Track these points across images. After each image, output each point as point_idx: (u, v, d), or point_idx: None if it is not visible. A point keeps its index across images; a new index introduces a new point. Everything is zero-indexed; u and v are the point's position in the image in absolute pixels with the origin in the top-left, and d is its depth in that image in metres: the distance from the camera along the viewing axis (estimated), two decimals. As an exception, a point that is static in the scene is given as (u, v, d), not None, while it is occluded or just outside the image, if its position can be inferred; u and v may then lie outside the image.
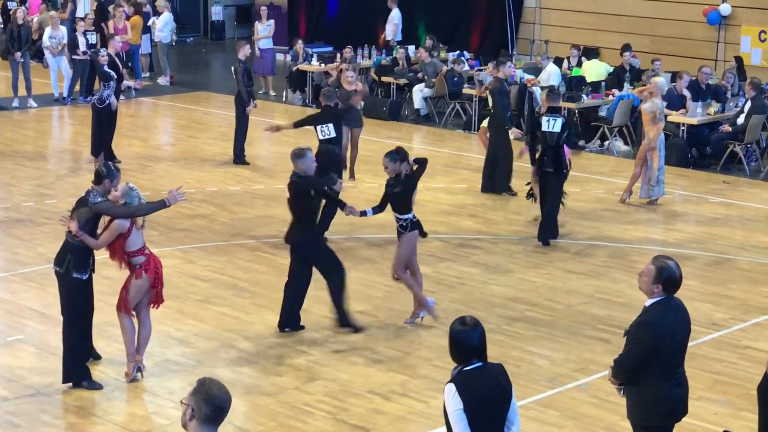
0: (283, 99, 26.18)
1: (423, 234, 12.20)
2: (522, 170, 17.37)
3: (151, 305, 10.62)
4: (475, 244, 15.16)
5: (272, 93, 26.71)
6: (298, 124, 16.07)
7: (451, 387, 6.61)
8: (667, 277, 7.51)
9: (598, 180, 16.75)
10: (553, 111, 15.52)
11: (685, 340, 7.73)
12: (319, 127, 15.40)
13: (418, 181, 12.15)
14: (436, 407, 9.66)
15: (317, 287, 11.98)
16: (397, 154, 11.95)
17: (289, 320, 12.01)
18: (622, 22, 27.19)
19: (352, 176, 17.96)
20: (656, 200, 17.39)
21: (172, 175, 18.57)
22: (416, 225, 12.06)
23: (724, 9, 25.66)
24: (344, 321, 12.04)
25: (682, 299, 7.73)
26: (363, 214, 12.03)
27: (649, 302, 7.61)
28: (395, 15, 28.82)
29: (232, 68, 19.83)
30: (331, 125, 15.40)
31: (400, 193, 11.94)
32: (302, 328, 12.00)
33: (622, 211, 17.12)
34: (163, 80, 28.16)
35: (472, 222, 16.27)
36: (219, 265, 14.08)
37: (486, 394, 6.66)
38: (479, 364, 6.71)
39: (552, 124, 15.30)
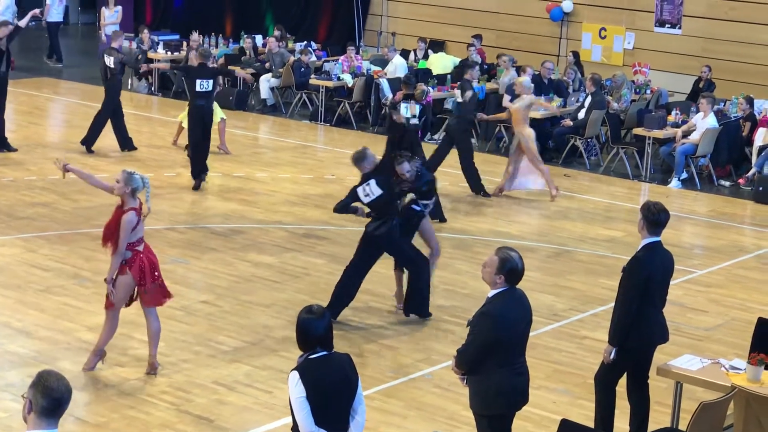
0: (129, 87, 25.80)
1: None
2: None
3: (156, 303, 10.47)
4: (320, 235, 15.19)
5: (117, 80, 26.27)
6: (179, 69, 18.00)
7: (295, 374, 6.62)
8: (509, 269, 7.63)
9: (443, 171, 16.90)
10: (409, 98, 15.98)
11: (527, 330, 7.87)
12: (199, 81, 16.83)
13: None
14: (281, 398, 9.68)
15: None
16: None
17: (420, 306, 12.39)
18: (468, 16, 27.50)
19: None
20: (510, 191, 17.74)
21: (12, 161, 18.16)
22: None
23: (567, 6, 26.14)
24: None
25: (524, 290, 7.86)
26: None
27: (491, 293, 7.71)
28: None
29: (104, 54, 19.28)
30: (211, 81, 16.92)
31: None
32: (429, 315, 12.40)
33: (466, 202, 17.33)
34: (3, 65, 27.44)
35: (317, 212, 16.29)
36: (61, 254, 13.84)
37: (330, 382, 6.68)
38: (324, 352, 6.74)
39: (410, 110, 15.80)
